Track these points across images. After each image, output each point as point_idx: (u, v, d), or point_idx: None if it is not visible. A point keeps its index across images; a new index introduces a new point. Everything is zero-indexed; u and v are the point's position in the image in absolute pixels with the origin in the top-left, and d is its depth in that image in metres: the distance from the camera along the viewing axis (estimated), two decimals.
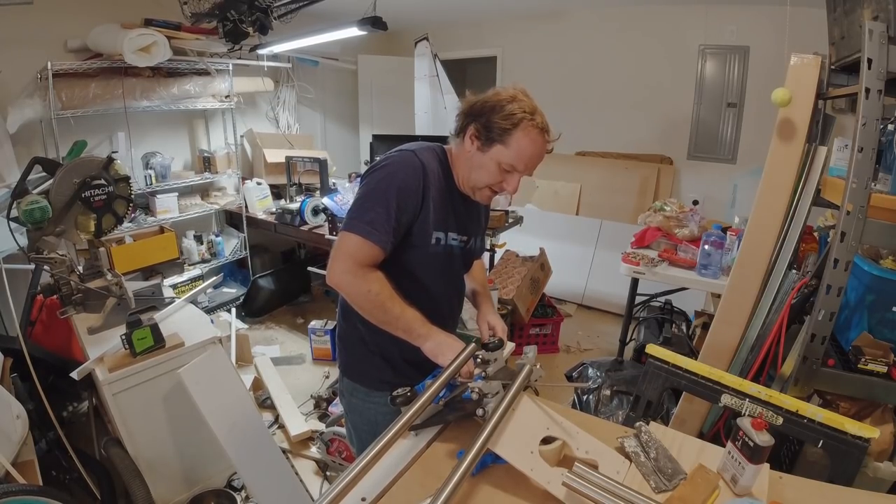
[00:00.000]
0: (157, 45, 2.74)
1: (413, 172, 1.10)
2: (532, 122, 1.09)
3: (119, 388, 1.67)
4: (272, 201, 3.68)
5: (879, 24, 1.23)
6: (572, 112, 4.38)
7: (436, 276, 1.22)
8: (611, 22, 4.03)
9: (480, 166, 1.13)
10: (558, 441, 0.94)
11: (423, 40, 4.19)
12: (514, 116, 1.08)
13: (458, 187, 1.21)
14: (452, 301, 1.35)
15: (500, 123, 1.09)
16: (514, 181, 1.14)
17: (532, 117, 1.09)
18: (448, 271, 1.26)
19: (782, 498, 0.88)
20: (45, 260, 1.85)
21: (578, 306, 4.02)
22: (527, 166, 1.13)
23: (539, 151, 1.12)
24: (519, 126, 1.08)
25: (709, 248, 2.28)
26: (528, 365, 1.04)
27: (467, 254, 1.31)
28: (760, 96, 3.38)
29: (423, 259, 1.17)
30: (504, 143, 1.09)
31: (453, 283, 1.33)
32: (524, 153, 1.10)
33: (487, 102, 1.11)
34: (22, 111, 2.56)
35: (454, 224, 1.20)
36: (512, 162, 1.10)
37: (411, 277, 1.18)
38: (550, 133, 1.13)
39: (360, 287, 1.06)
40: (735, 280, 1.69)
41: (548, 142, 1.13)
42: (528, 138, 1.09)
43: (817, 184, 1.62)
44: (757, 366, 1.59)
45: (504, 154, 1.10)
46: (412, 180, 1.09)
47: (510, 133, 1.08)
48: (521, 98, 1.11)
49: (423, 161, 1.12)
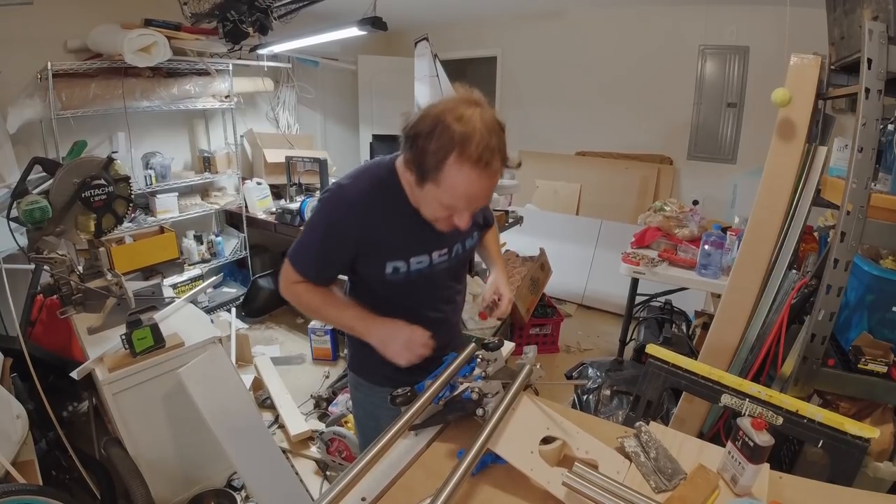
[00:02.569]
0: (157, 45, 2.74)
1: (341, 217, 1.03)
2: (463, 154, 0.87)
3: (119, 388, 1.66)
4: (272, 201, 3.69)
5: (879, 24, 1.23)
6: (572, 112, 4.38)
7: (415, 302, 1.16)
8: (611, 22, 4.03)
9: (422, 200, 0.99)
10: (558, 441, 0.94)
11: (423, 40, 4.18)
12: (441, 150, 0.88)
13: (417, 211, 1.06)
14: (447, 320, 1.26)
15: (428, 159, 0.89)
16: (463, 219, 0.99)
17: (463, 146, 0.87)
18: (431, 293, 1.18)
19: (782, 498, 0.88)
20: (45, 260, 1.85)
21: (578, 306, 4.02)
22: (470, 204, 0.96)
23: (479, 188, 0.92)
24: (447, 161, 0.88)
25: (709, 248, 2.28)
26: (528, 365, 1.04)
27: (459, 263, 1.22)
28: (760, 96, 3.37)
29: (389, 289, 1.11)
30: (435, 181, 0.91)
31: (443, 300, 1.24)
32: (459, 193, 0.92)
33: (416, 126, 0.91)
34: (22, 111, 2.56)
35: (420, 247, 1.10)
36: (449, 202, 0.94)
37: (387, 305, 1.13)
38: (495, 159, 0.90)
39: (296, 301, 1.12)
40: (735, 280, 1.69)
41: (493, 172, 0.91)
42: (461, 176, 0.89)
43: (817, 184, 1.63)
44: (757, 366, 1.59)
45: (438, 193, 0.93)
46: (339, 226, 1.03)
47: (440, 170, 0.89)
48: (453, 118, 0.88)
49: (353, 200, 1.02)
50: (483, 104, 0.93)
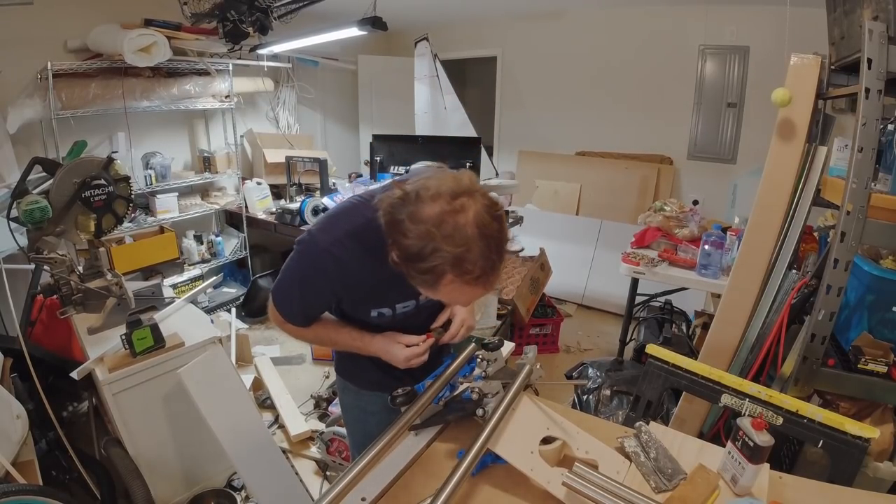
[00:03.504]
0: (157, 45, 2.74)
1: (317, 272, 0.99)
2: (459, 276, 0.81)
3: (119, 388, 1.67)
4: (272, 201, 3.68)
5: (879, 24, 1.23)
6: (572, 112, 4.38)
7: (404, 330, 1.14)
8: (611, 22, 4.03)
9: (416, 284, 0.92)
10: (558, 441, 0.94)
11: (423, 40, 4.19)
12: (435, 269, 0.80)
13: None
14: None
15: (421, 275, 0.83)
16: (461, 309, 1.10)
17: (460, 269, 0.80)
18: (420, 324, 1.16)
19: (782, 498, 0.88)
20: (45, 260, 1.85)
21: (578, 306, 4.02)
22: (467, 303, 1.02)
23: (480, 295, 0.89)
24: (442, 282, 0.82)
25: (709, 248, 2.28)
26: (528, 365, 1.04)
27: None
28: (760, 96, 3.37)
29: (375, 329, 1.12)
30: (434, 290, 0.86)
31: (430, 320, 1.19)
32: (457, 302, 1.00)
33: (403, 241, 0.82)
34: (22, 111, 2.56)
35: (402, 295, 1.07)
36: (448, 302, 1.02)
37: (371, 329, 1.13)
38: (494, 271, 0.84)
39: (293, 335, 1.14)
40: (735, 280, 1.69)
41: (493, 281, 0.86)
42: (459, 292, 0.86)
43: (817, 184, 1.62)
44: (757, 366, 1.59)
45: (436, 295, 0.89)
46: (317, 281, 1.00)
47: (436, 285, 0.83)
48: (443, 236, 0.79)
49: (328, 256, 0.95)
50: (475, 194, 0.83)
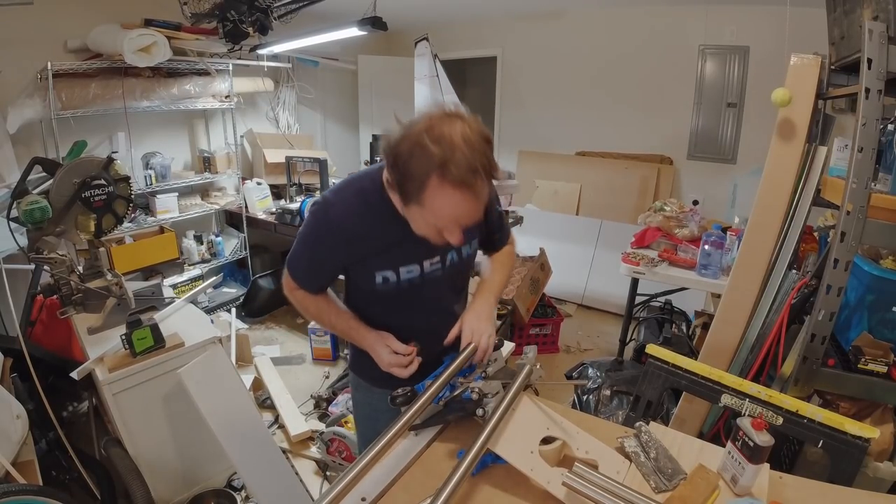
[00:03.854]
0: (157, 45, 2.74)
1: (326, 233, 1.04)
2: (444, 177, 0.83)
3: (119, 388, 1.67)
4: (272, 201, 3.69)
5: (879, 24, 1.23)
6: (572, 112, 4.38)
7: (408, 311, 1.15)
8: (611, 22, 4.03)
9: (410, 218, 0.96)
10: (558, 441, 0.94)
11: (423, 40, 4.18)
12: (422, 174, 0.84)
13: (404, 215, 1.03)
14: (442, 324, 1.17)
15: (409, 183, 0.87)
16: (454, 236, 0.94)
17: (444, 170, 0.83)
18: (425, 304, 1.15)
19: (782, 498, 0.88)
20: (45, 260, 1.85)
21: (578, 306, 4.02)
22: (458, 223, 0.92)
23: (465, 209, 0.88)
24: (428, 185, 0.85)
25: (709, 248, 2.28)
26: (528, 365, 1.04)
27: (455, 272, 1.17)
28: (760, 96, 3.37)
29: (380, 297, 1.11)
30: (419, 203, 0.88)
31: (440, 312, 1.19)
32: (444, 215, 0.90)
33: (395, 148, 0.88)
34: (22, 111, 2.56)
35: (409, 257, 1.08)
36: (435, 223, 0.92)
37: (381, 315, 1.16)
38: (479, 179, 0.85)
39: (298, 306, 1.17)
40: (735, 280, 1.69)
41: (478, 191, 0.87)
42: (444, 199, 0.86)
43: (817, 184, 1.62)
44: (757, 366, 1.59)
45: (425, 214, 0.90)
46: (326, 241, 1.04)
47: (422, 193, 0.86)
48: (431, 139, 0.84)
49: (338, 216, 1.02)
50: (464, 117, 0.88)
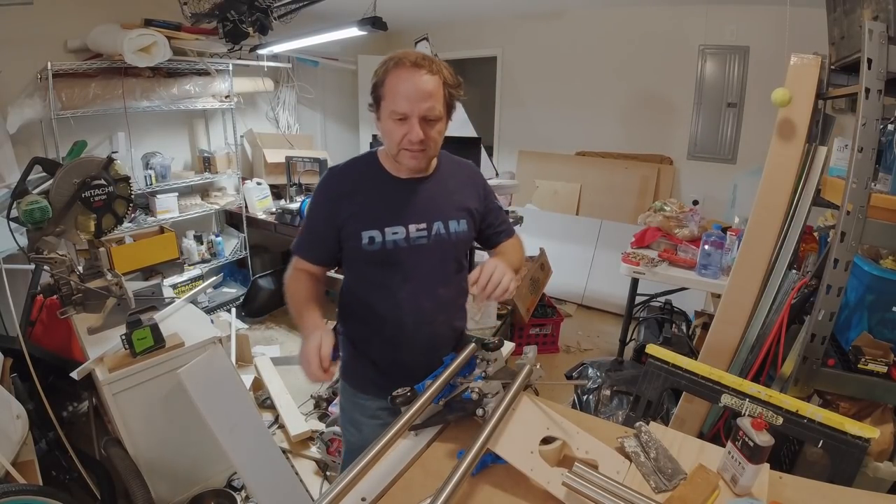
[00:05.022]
0: (157, 45, 2.74)
1: (322, 188, 1.19)
2: (399, 63, 1.06)
3: (119, 388, 1.67)
4: (272, 201, 3.69)
5: (879, 24, 1.23)
6: (572, 112, 4.38)
7: (397, 285, 1.17)
8: (611, 22, 4.02)
9: (384, 133, 1.12)
10: (558, 441, 0.94)
11: (423, 40, 4.18)
12: (384, 68, 1.08)
13: (396, 176, 1.18)
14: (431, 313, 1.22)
15: (375, 82, 1.09)
16: (411, 127, 1.07)
17: (400, 58, 1.06)
18: (412, 275, 1.17)
19: (782, 498, 0.88)
20: (45, 260, 1.85)
21: (578, 306, 4.02)
22: (412, 104, 1.05)
23: (415, 85, 1.05)
24: (388, 73, 1.07)
25: (709, 248, 2.28)
26: (528, 365, 1.04)
27: (443, 248, 1.20)
28: (760, 96, 3.38)
29: (369, 266, 1.17)
30: (383, 96, 1.08)
31: (428, 293, 1.20)
32: (399, 92, 1.05)
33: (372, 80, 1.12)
34: (22, 111, 2.56)
35: (392, 217, 1.15)
36: (395, 108, 1.06)
37: (369, 289, 1.20)
38: (430, 63, 1.07)
39: (286, 287, 1.21)
40: (735, 280, 1.69)
41: (428, 74, 1.06)
42: (398, 77, 1.06)
43: (817, 184, 1.62)
44: (757, 366, 1.59)
45: (388, 106, 1.07)
46: (321, 195, 1.19)
47: (383, 84, 1.07)
48: (391, 57, 1.09)
49: (337, 171, 1.20)
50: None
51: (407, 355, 1.21)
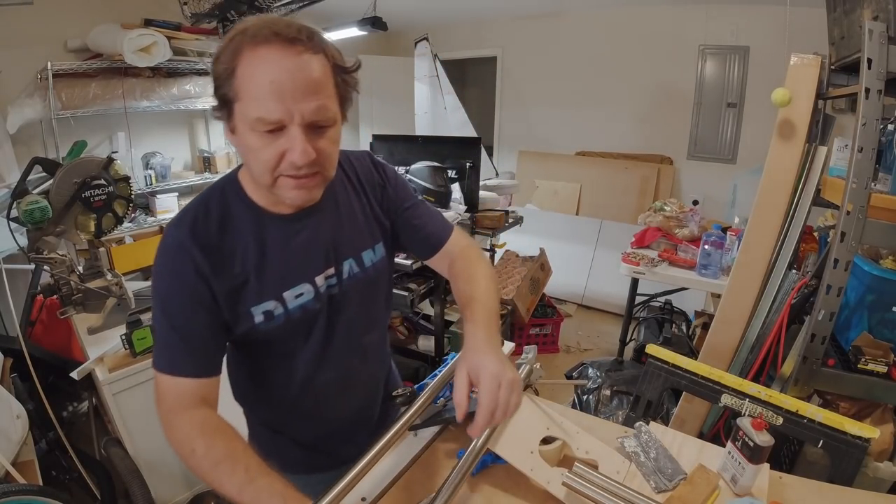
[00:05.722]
0: (157, 45, 2.74)
1: (176, 262, 0.76)
2: (256, 37, 0.67)
3: (119, 388, 1.66)
4: None
5: (879, 24, 1.23)
6: (572, 112, 4.38)
7: (311, 348, 0.88)
8: (611, 22, 4.03)
9: (246, 153, 0.73)
10: (558, 441, 0.94)
11: (423, 40, 4.19)
12: (225, 49, 0.69)
13: (276, 213, 0.82)
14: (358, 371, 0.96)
15: (221, 76, 0.69)
16: (293, 140, 0.69)
17: (256, 31, 0.68)
18: (329, 332, 0.88)
19: (782, 498, 0.88)
20: (45, 260, 1.85)
21: (578, 306, 4.02)
22: (288, 103, 0.67)
23: (291, 72, 0.67)
24: (240, 55, 0.67)
25: (709, 248, 2.28)
26: (528, 365, 1.04)
27: (363, 289, 0.90)
28: (760, 96, 3.37)
29: (271, 353, 0.87)
30: (237, 95, 0.69)
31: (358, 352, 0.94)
32: (264, 85, 0.66)
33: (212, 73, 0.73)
34: (22, 111, 2.56)
35: (289, 274, 0.82)
36: (262, 113, 0.67)
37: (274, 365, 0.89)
38: (299, 34, 0.69)
39: (180, 447, 0.71)
40: (735, 280, 1.69)
41: (300, 48, 0.68)
42: (259, 60, 0.67)
43: (817, 184, 1.62)
44: (757, 366, 1.59)
45: (245, 111, 0.69)
46: (179, 271, 0.75)
47: (234, 75, 0.68)
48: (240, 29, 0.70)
49: (186, 226, 0.76)
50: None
51: (335, 425, 0.97)
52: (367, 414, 0.96)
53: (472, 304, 0.84)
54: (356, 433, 0.92)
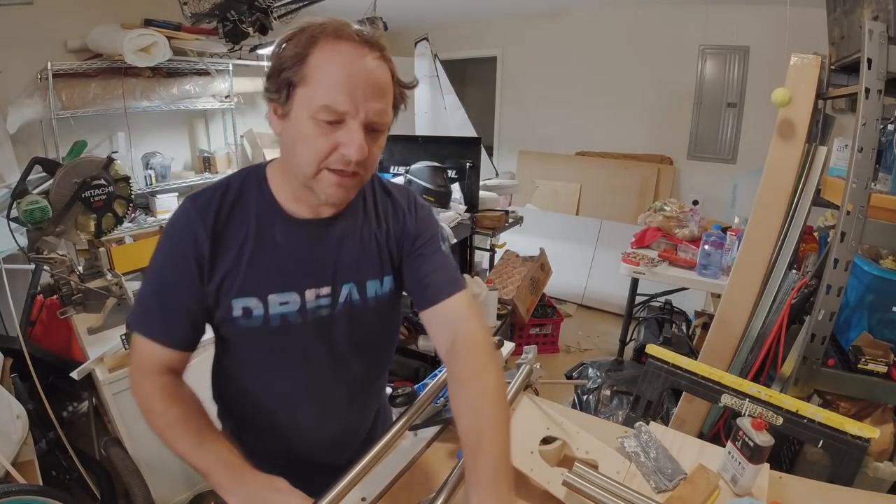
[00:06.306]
0: (157, 45, 2.74)
1: (178, 229, 0.78)
2: (337, 32, 0.70)
3: (119, 387, 1.66)
4: None
5: (879, 24, 1.23)
6: (572, 112, 4.39)
7: (285, 379, 0.84)
8: (611, 22, 4.03)
9: (295, 140, 0.72)
10: (558, 441, 0.94)
11: (423, 40, 4.19)
12: (300, 36, 0.70)
13: (292, 215, 0.80)
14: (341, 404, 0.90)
15: (289, 60, 0.70)
16: (352, 134, 0.70)
17: (336, 28, 0.71)
18: (308, 366, 0.84)
19: (782, 498, 0.88)
20: (45, 260, 1.85)
21: (578, 306, 4.02)
22: (357, 99, 0.69)
23: (365, 72, 0.70)
24: (315, 45, 0.69)
25: (709, 248, 2.28)
26: (528, 365, 1.04)
27: (356, 320, 0.85)
28: (760, 96, 3.38)
29: (245, 353, 0.83)
30: (304, 81, 0.69)
31: (330, 390, 0.87)
32: (337, 77, 0.69)
33: (274, 56, 0.74)
34: (22, 111, 2.56)
35: (280, 278, 0.79)
36: (329, 102, 0.68)
37: (253, 374, 0.85)
38: (376, 39, 0.73)
39: (141, 404, 0.75)
40: (735, 280, 1.69)
41: (380, 56, 0.73)
42: (336, 53, 0.69)
43: (817, 184, 1.63)
44: (757, 366, 1.59)
45: (311, 96, 0.69)
46: (177, 239, 0.78)
47: (305, 62, 0.69)
48: (315, 22, 0.72)
49: (202, 203, 0.77)
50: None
51: (303, 448, 0.91)
52: (340, 450, 0.90)
53: (479, 451, 0.69)
54: (326, 465, 0.84)
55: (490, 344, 0.83)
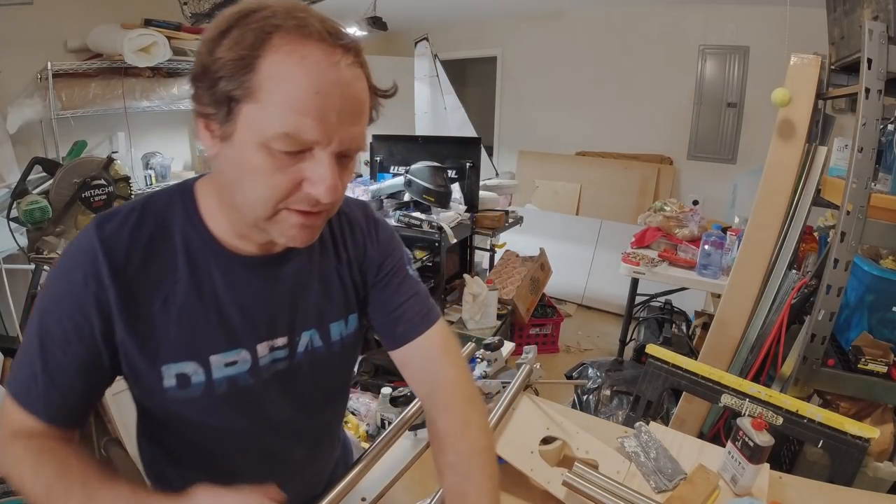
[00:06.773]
0: (157, 45, 2.74)
1: (76, 270, 0.56)
2: (288, 28, 0.49)
3: (119, 388, 1.64)
4: None
5: (879, 24, 1.23)
6: (572, 112, 4.39)
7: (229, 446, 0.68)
8: (611, 22, 4.03)
9: (241, 173, 0.53)
10: (558, 441, 0.94)
11: (423, 40, 4.19)
12: (246, 36, 0.49)
13: (234, 252, 0.62)
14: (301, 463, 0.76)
15: (229, 65, 0.49)
16: (322, 168, 0.52)
17: (280, 19, 0.49)
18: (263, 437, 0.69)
19: (782, 498, 0.88)
20: (45, 260, 1.85)
21: (578, 306, 4.02)
22: (324, 120, 0.50)
23: (334, 78, 0.50)
24: (266, 46, 0.49)
25: (709, 248, 2.28)
26: (528, 365, 1.04)
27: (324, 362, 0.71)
28: (760, 96, 3.37)
29: (182, 422, 0.64)
30: (252, 96, 0.50)
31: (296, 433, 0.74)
32: (300, 92, 0.49)
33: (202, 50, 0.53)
34: (22, 111, 2.56)
35: (224, 335, 0.62)
36: (288, 128, 0.49)
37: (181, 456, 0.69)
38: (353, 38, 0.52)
39: (10, 473, 0.56)
40: (735, 280, 1.69)
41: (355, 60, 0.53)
42: (295, 56, 0.49)
43: (817, 184, 1.63)
44: (757, 366, 1.59)
45: (263, 119, 0.50)
46: (75, 286, 0.56)
47: (253, 70, 0.49)
48: (262, 6, 0.51)
49: (110, 233, 0.57)
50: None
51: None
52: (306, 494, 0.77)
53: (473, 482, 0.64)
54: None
55: (472, 388, 0.74)
